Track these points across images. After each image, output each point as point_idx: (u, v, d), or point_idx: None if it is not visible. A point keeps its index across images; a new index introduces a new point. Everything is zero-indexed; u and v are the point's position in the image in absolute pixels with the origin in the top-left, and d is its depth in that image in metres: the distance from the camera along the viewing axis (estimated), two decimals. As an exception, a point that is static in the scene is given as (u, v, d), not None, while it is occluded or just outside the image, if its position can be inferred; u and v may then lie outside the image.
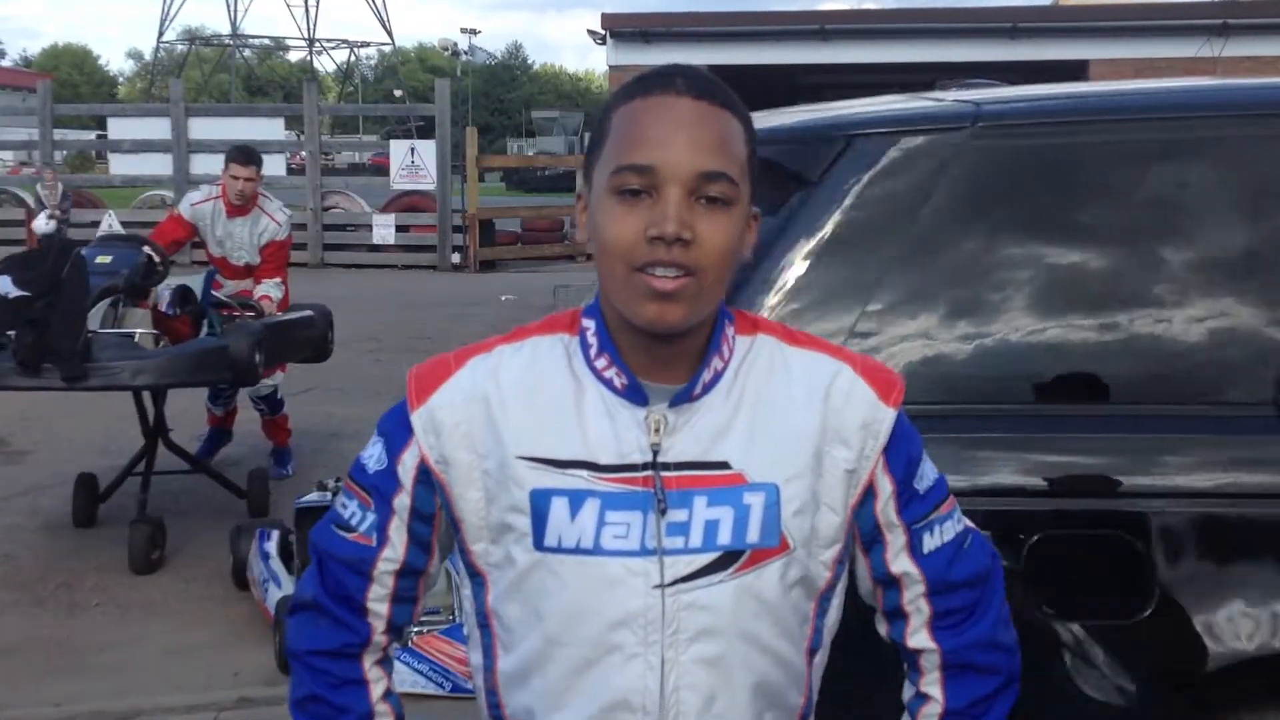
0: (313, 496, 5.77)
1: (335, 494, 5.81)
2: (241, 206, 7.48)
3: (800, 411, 1.49)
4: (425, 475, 1.51)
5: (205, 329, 6.80)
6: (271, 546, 5.66)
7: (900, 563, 1.55)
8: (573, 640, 1.45)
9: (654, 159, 1.38)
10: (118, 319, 6.30)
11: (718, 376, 1.48)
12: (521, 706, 1.52)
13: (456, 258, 20.81)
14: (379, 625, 1.58)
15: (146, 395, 6.50)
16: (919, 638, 1.58)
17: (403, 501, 1.53)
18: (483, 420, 1.48)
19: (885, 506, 1.53)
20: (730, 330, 1.51)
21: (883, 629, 1.62)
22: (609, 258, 1.41)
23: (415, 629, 4.97)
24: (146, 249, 6.40)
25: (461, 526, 1.51)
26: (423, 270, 20.66)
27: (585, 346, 1.49)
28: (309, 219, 21.08)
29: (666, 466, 1.45)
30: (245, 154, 7.47)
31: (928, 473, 1.56)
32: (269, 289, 7.52)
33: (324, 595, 1.58)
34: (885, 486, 1.52)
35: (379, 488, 1.54)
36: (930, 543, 1.55)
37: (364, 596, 1.56)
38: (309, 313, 7.27)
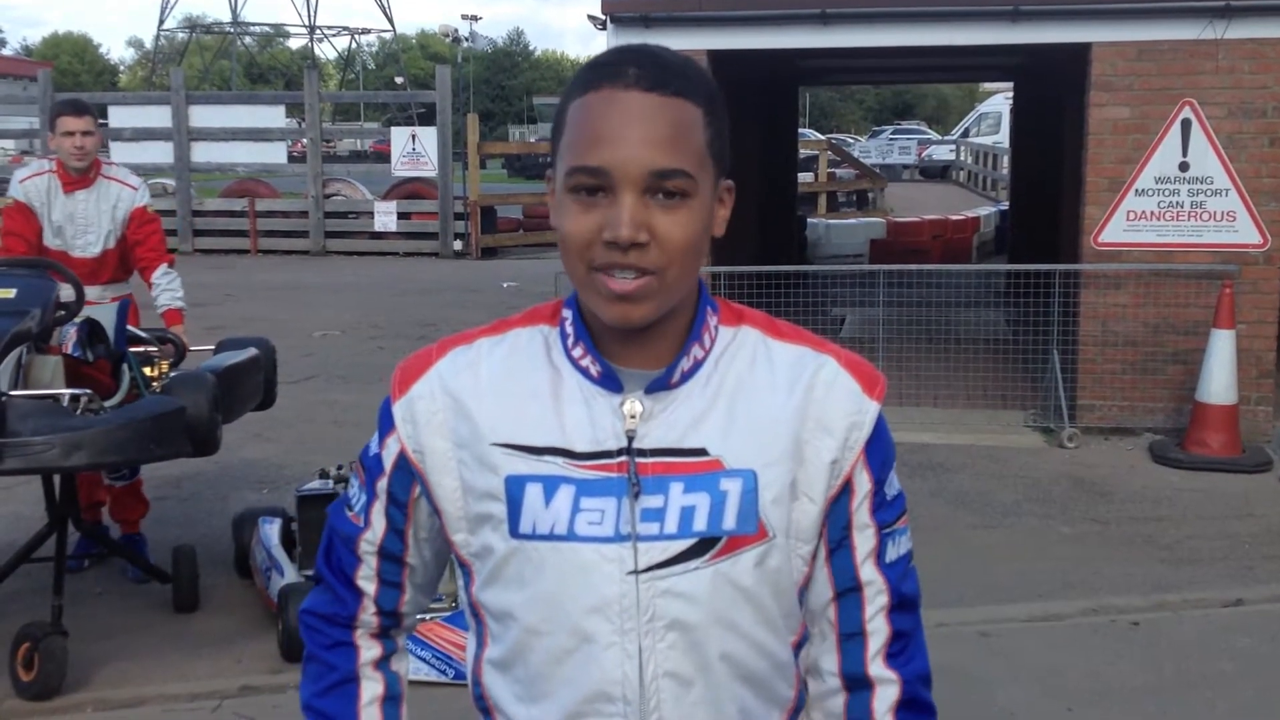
0: (314, 484, 5.76)
1: (337, 481, 5.82)
2: (82, 175, 5.89)
3: (781, 400, 1.47)
4: (404, 462, 1.52)
5: (125, 375, 5.30)
6: (274, 534, 5.66)
7: (868, 568, 1.52)
8: (550, 629, 1.45)
9: (604, 160, 1.36)
10: (23, 371, 4.83)
11: (697, 365, 1.47)
12: (504, 695, 1.52)
13: (458, 245, 20.79)
14: (368, 604, 1.61)
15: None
16: (877, 665, 1.52)
17: (383, 485, 1.56)
18: (456, 409, 1.48)
19: (861, 505, 1.51)
20: (714, 320, 1.50)
21: (830, 661, 1.54)
22: (569, 256, 1.41)
23: (417, 615, 4.96)
24: (58, 277, 5.07)
25: (442, 517, 1.52)
26: (424, 257, 20.65)
27: (564, 336, 1.50)
28: (310, 206, 21.09)
29: (642, 453, 1.43)
30: (74, 104, 5.97)
31: (895, 482, 1.55)
32: (169, 293, 5.99)
33: (325, 567, 1.64)
34: (864, 483, 1.50)
35: (371, 470, 1.58)
36: (892, 552, 1.53)
37: (354, 573, 1.61)
38: (254, 352, 5.61)
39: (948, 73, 21.47)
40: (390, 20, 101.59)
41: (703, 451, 1.44)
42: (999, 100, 36.68)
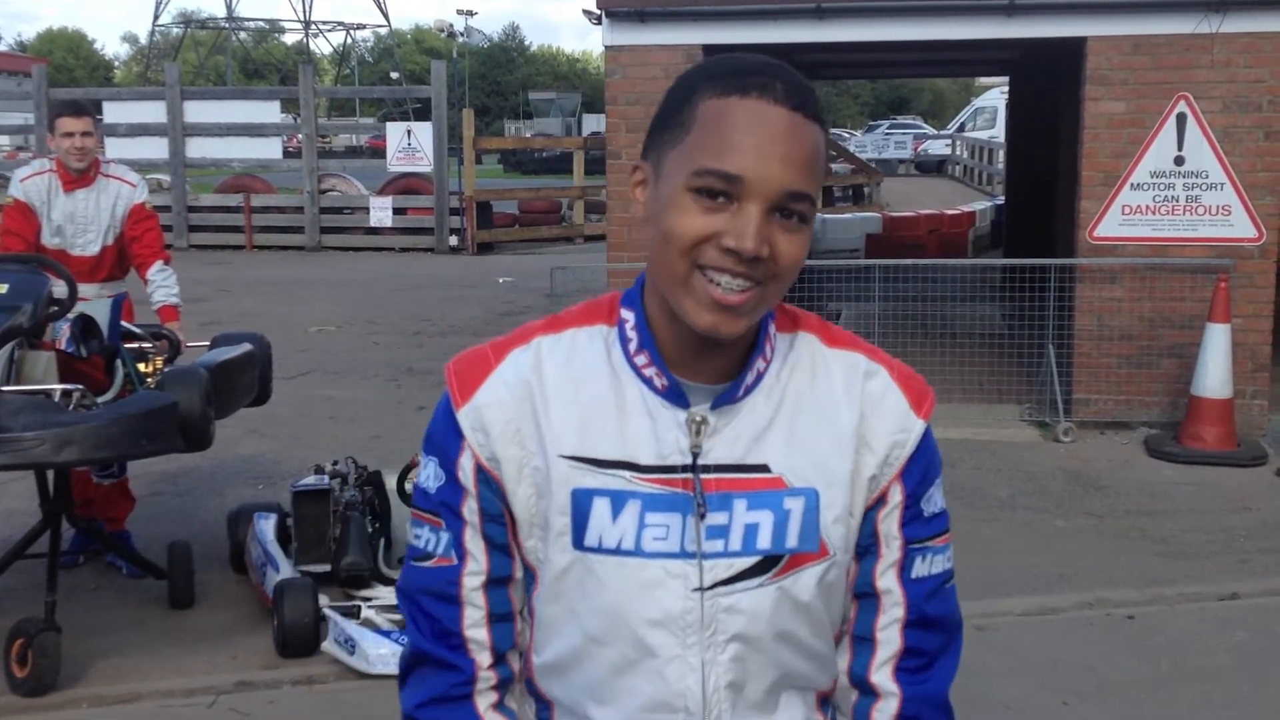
0: (309, 480, 5.76)
1: (332, 476, 5.81)
2: (82, 175, 5.93)
3: (842, 416, 1.47)
4: (483, 475, 1.47)
5: (119, 371, 5.29)
6: (269, 530, 5.65)
7: (887, 579, 1.51)
8: (612, 640, 1.44)
9: (744, 170, 1.33)
10: (15, 367, 4.83)
11: (760, 377, 1.46)
12: (562, 696, 1.51)
13: (454, 240, 20.76)
14: (483, 659, 1.51)
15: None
16: (882, 675, 1.52)
17: (471, 507, 1.49)
18: (529, 417, 1.44)
19: (889, 516, 1.50)
20: (772, 328, 1.48)
21: (842, 661, 1.55)
22: (671, 251, 1.36)
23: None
24: (50, 273, 5.08)
25: (516, 524, 1.48)
26: (420, 253, 20.62)
27: (624, 340, 1.46)
28: (306, 202, 21.06)
29: (706, 469, 1.42)
30: (74, 105, 6.07)
31: (936, 499, 1.53)
32: (164, 289, 6.02)
33: (422, 640, 1.52)
34: (895, 496, 1.50)
35: (446, 503, 1.50)
36: (919, 569, 1.52)
37: (460, 625, 1.50)
38: (248, 347, 5.59)
39: (943, 67, 21.45)
40: (385, 15, 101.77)
41: (765, 468, 1.44)
42: (995, 94, 36.65)
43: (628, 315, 1.46)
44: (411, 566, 1.54)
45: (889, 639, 1.52)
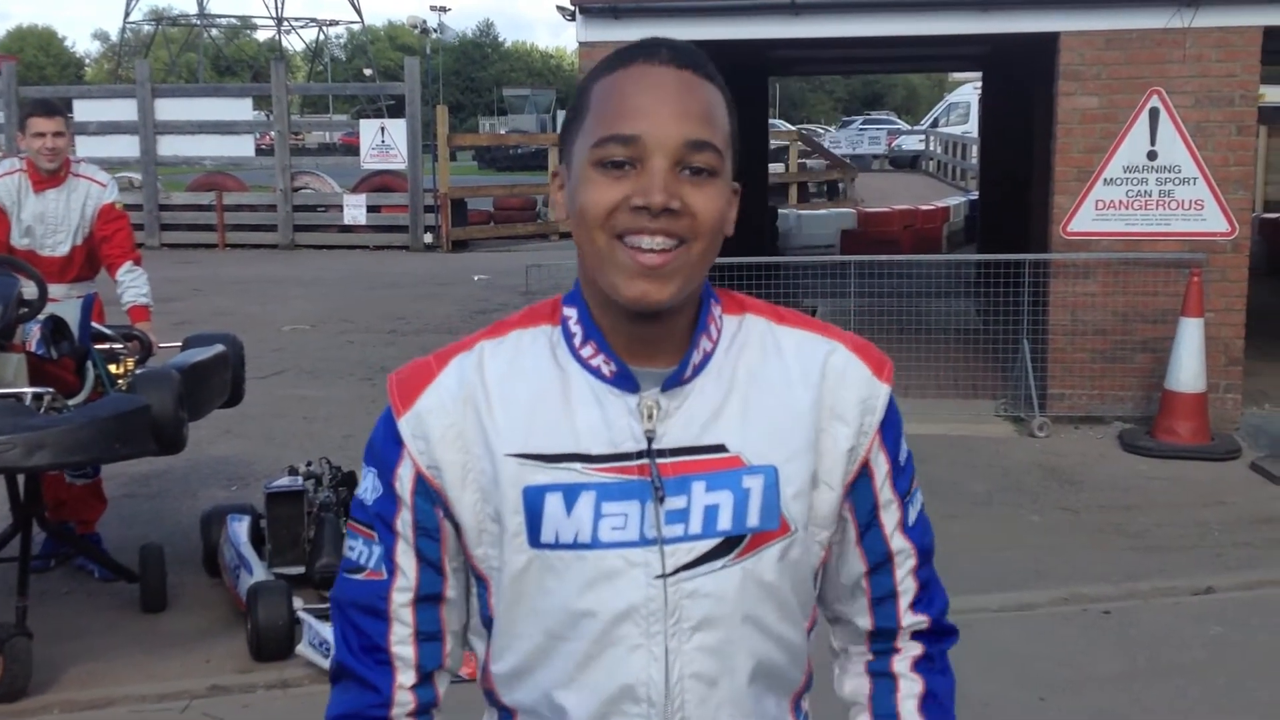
0: (283, 481, 5.72)
1: (306, 477, 5.77)
2: (53, 174, 5.87)
3: (796, 391, 1.46)
4: (422, 485, 1.45)
5: (90, 373, 5.23)
6: (242, 532, 5.61)
7: (897, 539, 1.55)
8: (574, 635, 1.42)
9: (639, 129, 1.35)
10: None
11: (707, 358, 1.45)
12: (525, 699, 1.48)
13: (429, 237, 20.69)
14: (406, 678, 1.49)
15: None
16: (909, 616, 1.58)
17: (405, 519, 1.46)
18: (473, 420, 1.43)
19: (884, 483, 1.53)
20: (717, 310, 1.48)
21: (864, 620, 1.57)
22: (588, 227, 1.37)
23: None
24: (19, 275, 5.00)
25: (462, 532, 1.46)
26: (395, 250, 20.55)
27: (569, 336, 1.45)
28: (279, 200, 20.95)
29: (662, 453, 1.41)
30: (46, 105, 6.02)
31: (904, 447, 1.57)
32: (134, 289, 5.98)
33: (347, 653, 1.51)
34: (882, 464, 1.52)
35: (380, 515, 1.48)
36: (913, 514, 1.57)
37: (386, 641, 1.49)
38: (221, 348, 5.56)
39: (917, 63, 21.52)
40: (358, 12, 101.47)
41: (721, 448, 1.43)
42: (968, 90, 36.78)
43: (570, 312, 1.46)
44: (344, 578, 1.52)
45: (908, 587, 1.57)
